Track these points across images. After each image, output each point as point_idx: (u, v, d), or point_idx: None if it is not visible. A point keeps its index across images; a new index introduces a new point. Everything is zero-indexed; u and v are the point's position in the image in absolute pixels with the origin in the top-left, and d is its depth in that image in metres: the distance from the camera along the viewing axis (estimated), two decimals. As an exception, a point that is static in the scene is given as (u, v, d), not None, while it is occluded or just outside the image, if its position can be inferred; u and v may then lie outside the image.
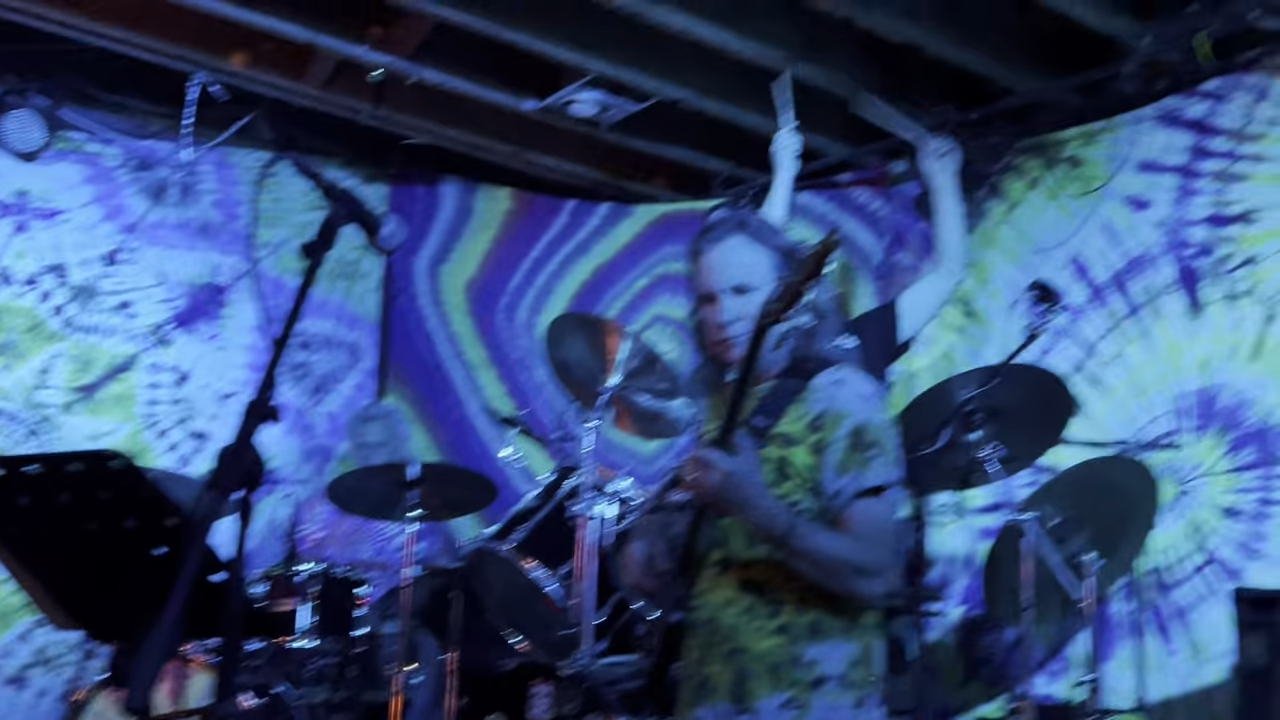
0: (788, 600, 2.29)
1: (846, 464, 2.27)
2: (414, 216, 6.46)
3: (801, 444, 2.31)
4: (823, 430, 2.30)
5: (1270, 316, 4.19)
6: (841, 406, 2.31)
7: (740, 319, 2.34)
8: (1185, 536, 4.33)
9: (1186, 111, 4.52)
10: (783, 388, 2.37)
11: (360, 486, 4.55)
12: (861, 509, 2.26)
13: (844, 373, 2.38)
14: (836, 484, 2.28)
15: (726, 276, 2.37)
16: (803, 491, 2.30)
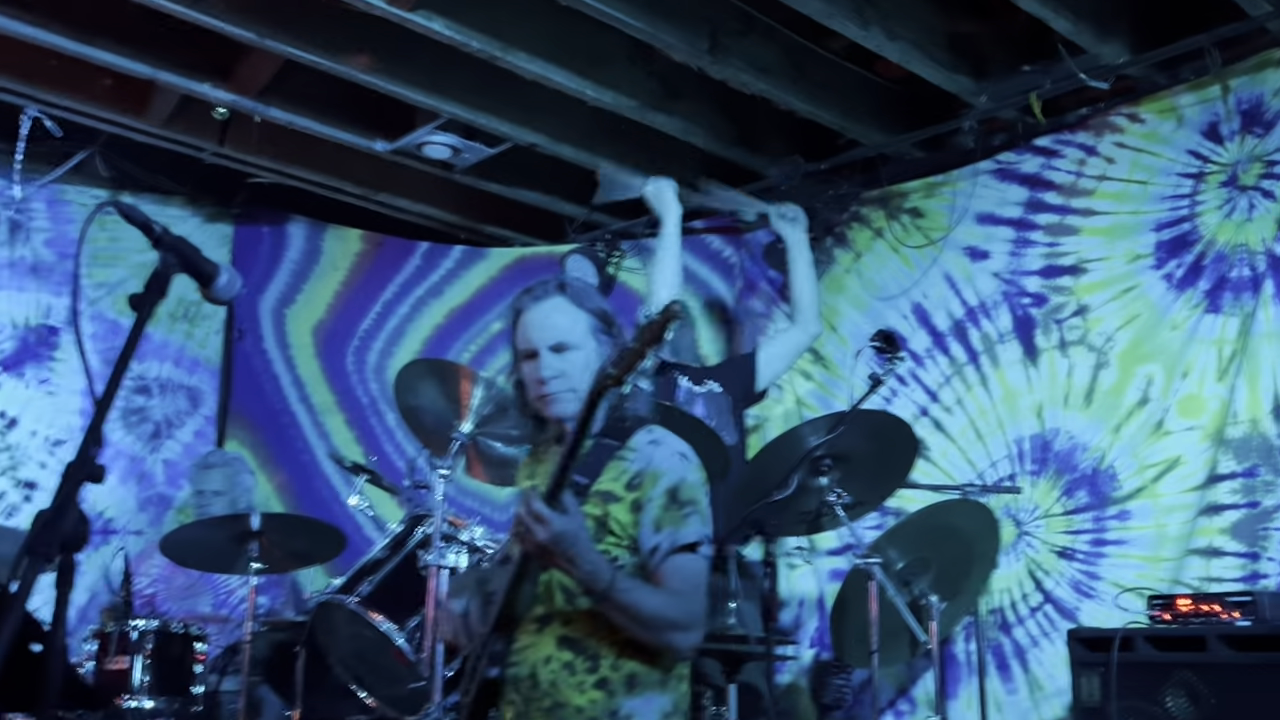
0: (605, 654, 2.37)
1: (662, 521, 2.37)
2: (260, 257, 6.29)
3: (620, 501, 2.40)
4: (640, 489, 2.39)
5: (1101, 364, 4.37)
6: (658, 466, 2.41)
7: (559, 375, 2.46)
8: (1024, 577, 4.47)
9: (1021, 166, 4.71)
10: (601, 447, 2.45)
11: (199, 538, 4.38)
12: (677, 564, 2.35)
13: (659, 433, 2.49)
14: (653, 540, 2.37)
15: (548, 335, 2.49)
16: (620, 548, 2.39)
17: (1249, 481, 3.94)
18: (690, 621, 2.35)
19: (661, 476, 2.40)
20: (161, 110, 5.06)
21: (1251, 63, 4.13)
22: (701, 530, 2.40)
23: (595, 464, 2.44)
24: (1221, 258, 4.12)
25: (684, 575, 2.35)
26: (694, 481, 2.44)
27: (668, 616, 2.32)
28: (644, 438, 2.47)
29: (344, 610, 3.89)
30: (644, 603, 2.31)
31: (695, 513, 2.40)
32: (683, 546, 2.36)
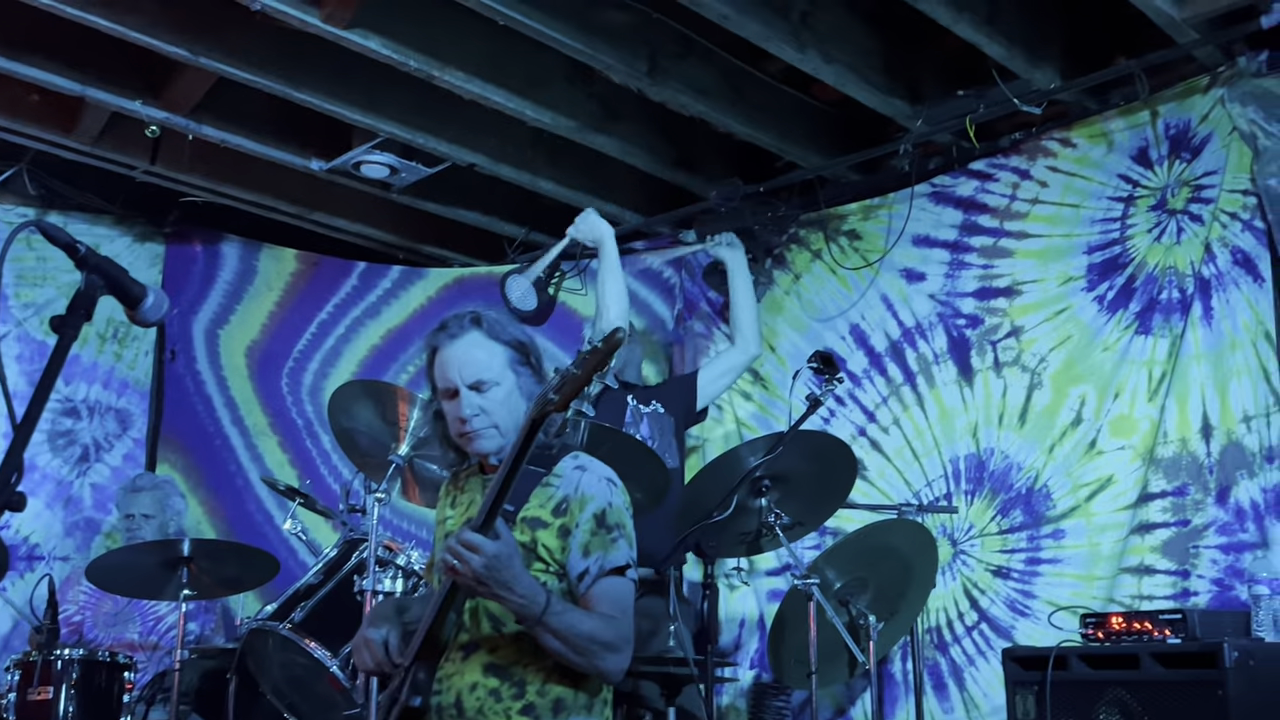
0: (532, 680, 2.38)
1: (590, 546, 2.39)
2: (192, 277, 6.18)
3: (548, 527, 2.42)
4: (567, 514, 2.41)
5: (1035, 384, 4.43)
6: (585, 491, 2.43)
7: (480, 413, 2.46)
8: (960, 596, 4.50)
9: (956, 190, 4.77)
10: (527, 474, 2.42)
11: (127, 564, 4.28)
12: (606, 588, 2.38)
13: (584, 459, 2.51)
14: (582, 565, 2.39)
15: (466, 372, 2.47)
16: (549, 574, 2.40)
17: (1179, 500, 4.01)
18: (621, 643, 2.37)
19: (589, 502, 2.42)
20: (91, 127, 4.97)
21: (1179, 89, 4.22)
22: (629, 554, 2.43)
23: (522, 491, 2.43)
24: (1151, 280, 4.20)
25: (613, 599, 2.38)
26: (620, 506, 2.46)
27: (600, 639, 2.33)
28: (570, 464, 2.49)
29: (276, 637, 3.82)
30: (577, 626, 2.31)
31: (622, 536, 2.42)
32: (611, 570, 2.39)
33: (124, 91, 4.62)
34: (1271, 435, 3.85)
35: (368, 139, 4.97)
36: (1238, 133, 4.03)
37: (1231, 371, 3.96)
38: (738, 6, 3.92)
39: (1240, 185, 4.03)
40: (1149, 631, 3.41)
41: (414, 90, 4.59)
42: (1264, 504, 3.83)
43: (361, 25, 4.06)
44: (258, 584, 4.48)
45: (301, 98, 4.53)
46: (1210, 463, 3.96)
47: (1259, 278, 3.95)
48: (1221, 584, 3.87)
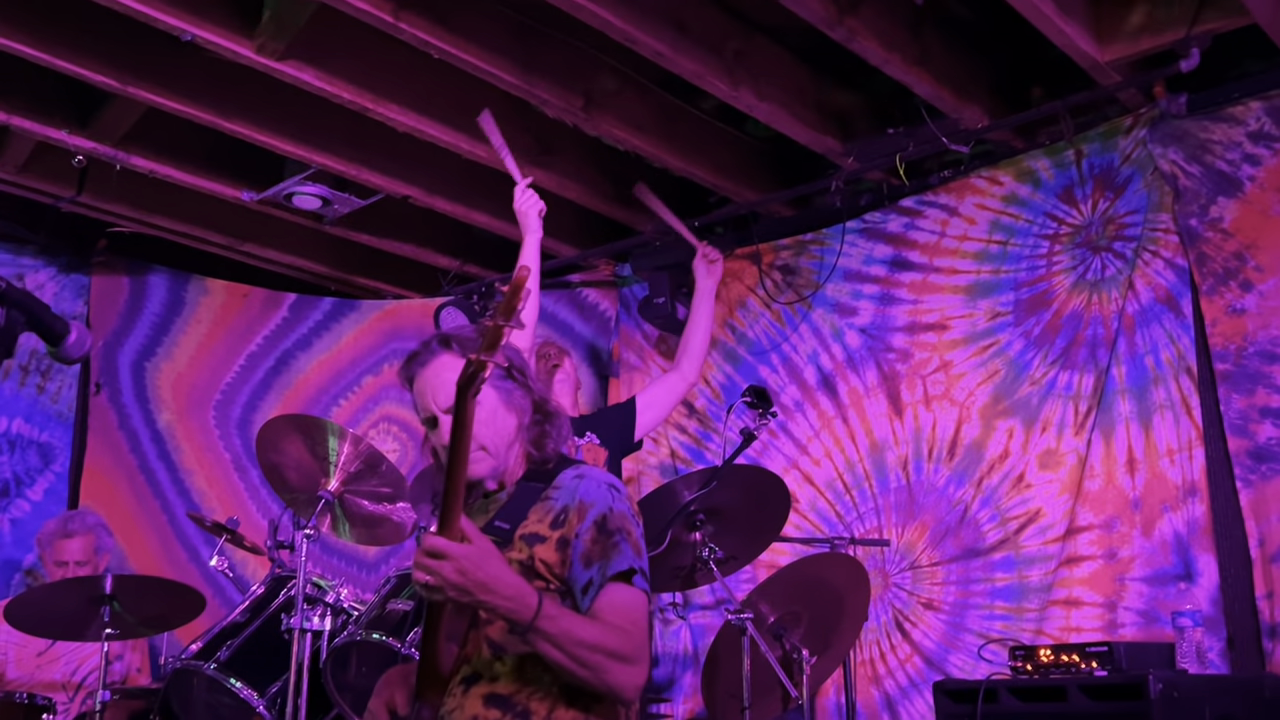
0: (536, 709, 2.17)
1: (592, 555, 2.20)
2: (119, 308, 6.06)
3: (545, 541, 2.23)
4: (566, 524, 2.23)
5: (963, 418, 4.49)
6: (584, 498, 2.25)
7: None
8: (892, 629, 4.53)
9: (887, 226, 4.84)
10: (524, 491, 2.32)
11: (47, 603, 4.17)
12: (612, 594, 2.17)
13: (585, 469, 2.35)
14: (585, 576, 2.19)
15: (442, 398, 2.32)
16: (550, 591, 2.20)
17: (1105, 534, 4.07)
18: (633, 654, 2.14)
19: (590, 509, 2.24)
20: (16, 156, 4.87)
21: (1102, 129, 4.33)
22: (634, 559, 2.21)
23: (520, 508, 2.29)
24: (1077, 316, 4.28)
25: (620, 606, 2.17)
26: (623, 510, 2.26)
27: (606, 647, 2.12)
28: (569, 474, 2.32)
29: (202, 676, 3.74)
30: (577, 630, 2.11)
31: (626, 541, 2.21)
32: (615, 576, 2.18)
33: (50, 121, 4.54)
34: (1194, 469, 3.93)
35: (300, 170, 4.93)
36: (1159, 173, 4.14)
37: (1155, 406, 4.05)
38: (672, 44, 3.96)
39: (1162, 224, 4.13)
40: (1076, 664, 3.45)
41: (347, 122, 4.57)
42: (1187, 536, 3.91)
43: (295, 57, 4.04)
44: (183, 622, 4.37)
45: (232, 128, 4.49)
46: (1135, 496, 4.04)
47: (1180, 314, 4.05)
48: (1147, 616, 3.94)
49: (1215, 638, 3.75)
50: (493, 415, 2.32)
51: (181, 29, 3.82)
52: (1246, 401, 3.88)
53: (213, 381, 6.08)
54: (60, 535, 4.87)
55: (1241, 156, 4.00)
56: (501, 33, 4.09)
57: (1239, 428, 3.88)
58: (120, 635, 4.08)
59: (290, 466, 4.05)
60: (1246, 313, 3.93)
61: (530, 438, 2.36)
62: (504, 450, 2.33)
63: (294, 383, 6.08)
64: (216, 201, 5.22)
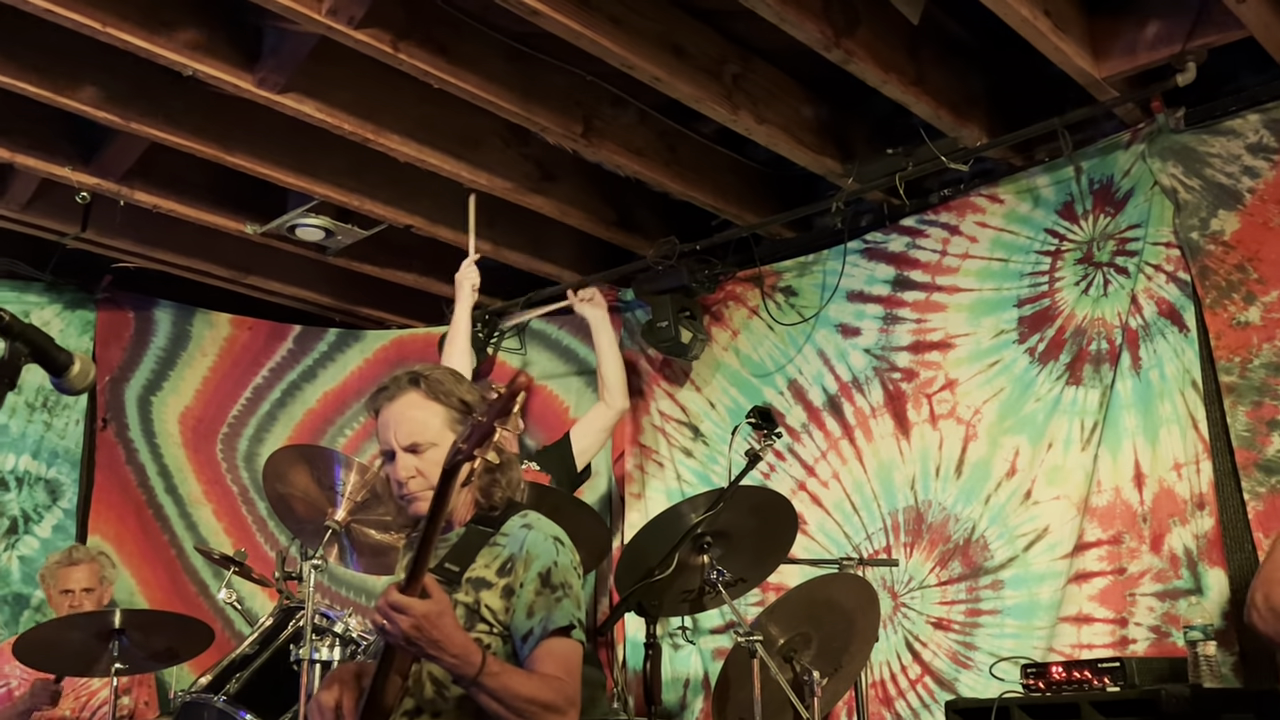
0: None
1: (535, 606, 2.34)
2: (125, 343, 6.09)
3: (492, 588, 2.36)
4: (512, 574, 2.36)
5: (970, 436, 4.48)
6: (530, 550, 2.37)
7: (415, 476, 2.42)
8: (903, 649, 4.51)
9: (888, 246, 4.85)
10: (473, 534, 2.42)
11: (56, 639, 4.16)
12: (551, 649, 2.32)
13: (532, 517, 2.45)
14: (526, 626, 2.34)
15: (402, 434, 2.45)
16: (492, 635, 2.35)
17: (1114, 549, 4.06)
18: (564, 704, 2.30)
19: (534, 561, 2.37)
20: (20, 194, 4.91)
21: (1101, 145, 4.34)
22: (574, 614, 2.37)
23: (469, 551, 2.39)
24: (1080, 332, 4.28)
25: (557, 659, 2.32)
26: (566, 565, 2.41)
27: (540, 700, 2.27)
28: (517, 522, 2.44)
29: (212, 709, 3.73)
30: (516, 686, 2.25)
31: (567, 597, 2.36)
32: (555, 631, 2.33)
33: (54, 158, 4.57)
34: (1202, 482, 3.92)
35: (302, 202, 4.95)
36: (1159, 187, 4.15)
37: (1161, 420, 4.04)
38: (670, 69, 3.98)
39: (1163, 238, 4.13)
40: (1088, 680, 3.44)
41: (349, 153, 4.60)
42: (1196, 550, 3.89)
43: (295, 90, 4.06)
44: (192, 655, 4.37)
45: (234, 162, 4.52)
46: (1143, 511, 4.02)
47: (1184, 328, 4.04)
48: (1158, 631, 3.92)
49: (1227, 651, 3.73)
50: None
51: (183, 64, 3.85)
52: (1253, 414, 3.87)
53: (219, 414, 6.09)
54: (65, 564, 4.88)
55: (1241, 169, 4.01)
56: (500, 61, 4.12)
57: (1246, 440, 3.87)
58: (129, 670, 4.08)
59: (297, 497, 4.05)
60: (1250, 325, 3.93)
61: (482, 483, 2.46)
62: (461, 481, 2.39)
63: (300, 414, 6.09)
64: (220, 235, 5.25)
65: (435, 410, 2.47)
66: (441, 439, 2.42)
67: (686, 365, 5.31)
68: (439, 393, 2.48)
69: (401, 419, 2.45)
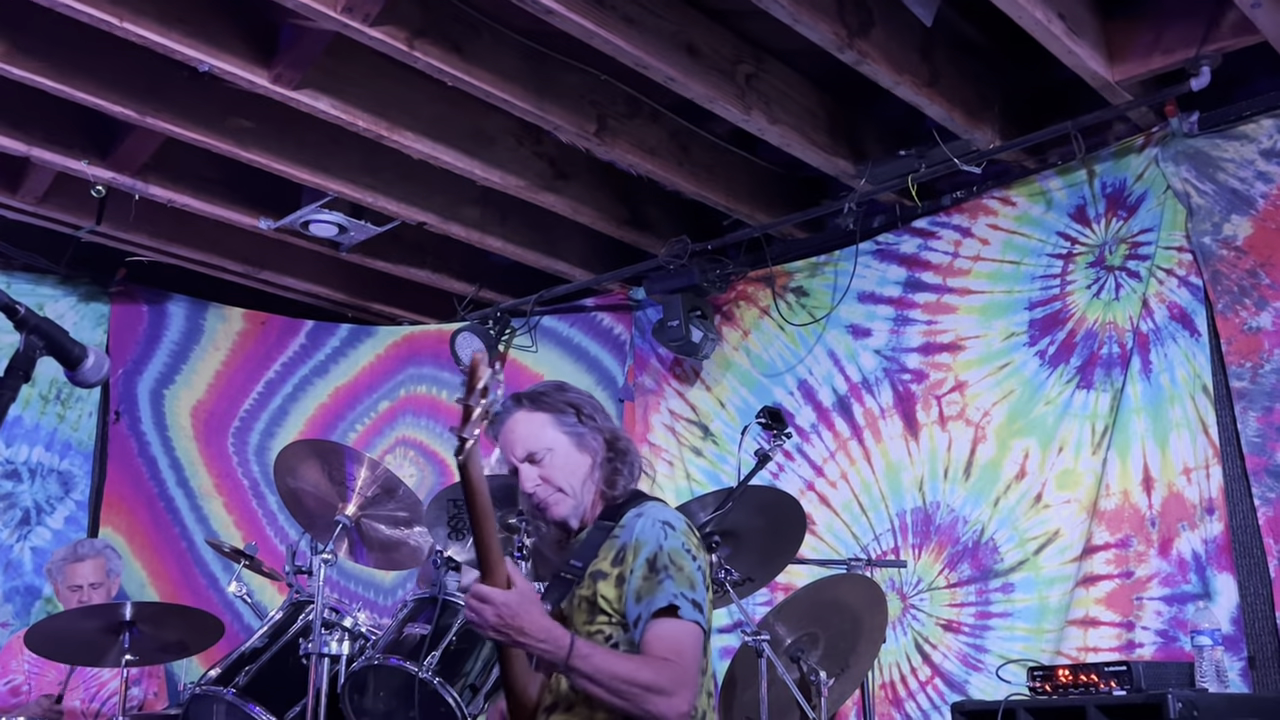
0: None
1: (641, 591, 2.36)
2: (138, 336, 6.12)
3: (607, 578, 2.43)
4: (624, 562, 2.41)
5: (979, 438, 4.48)
6: (639, 537, 2.41)
7: (540, 484, 2.53)
8: (912, 651, 4.51)
9: (900, 247, 4.85)
10: (597, 529, 2.50)
11: (67, 630, 4.19)
12: (657, 630, 2.32)
13: (646, 506, 2.51)
14: (636, 611, 2.36)
15: (518, 449, 2.56)
16: (612, 625, 2.40)
17: (1122, 552, 4.06)
18: (670, 685, 2.28)
19: (643, 547, 2.40)
20: (36, 187, 4.93)
21: (1114, 149, 4.33)
22: (680, 593, 2.33)
23: (592, 546, 2.48)
24: (1091, 335, 4.27)
25: (665, 641, 2.31)
26: (672, 547, 2.39)
27: (640, 680, 2.26)
28: (632, 513, 2.50)
29: (221, 702, 3.75)
30: (610, 666, 2.27)
31: (670, 578, 2.34)
32: (658, 612, 2.32)
33: (70, 152, 4.59)
34: (1211, 487, 3.92)
35: (316, 198, 4.97)
36: (1172, 191, 4.14)
37: (1171, 425, 4.03)
38: (684, 69, 3.99)
39: (1176, 242, 4.13)
40: (1095, 684, 3.44)
41: (363, 149, 4.62)
42: (1205, 555, 3.89)
43: (310, 86, 4.08)
44: (202, 648, 4.39)
45: (249, 157, 4.54)
46: (1152, 515, 4.02)
47: (1195, 332, 4.04)
48: (1165, 635, 3.91)
49: (1235, 656, 3.73)
50: (566, 458, 2.55)
51: (199, 60, 3.87)
52: (1264, 419, 3.87)
53: (231, 408, 6.12)
54: (71, 559, 4.90)
55: (1254, 174, 4.00)
56: (515, 60, 4.13)
57: (1257, 445, 3.86)
58: (140, 661, 4.11)
59: (308, 492, 4.08)
60: (1262, 330, 3.92)
61: (603, 476, 2.58)
62: (580, 489, 2.55)
63: (311, 409, 6.11)
64: (234, 230, 5.27)
65: (541, 419, 2.57)
66: (556, 443, 2.55)
67: (697, 364, 5.32)
68: (540, 402, 2.59)
69: (513, 436, 2.57)
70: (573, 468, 2.55)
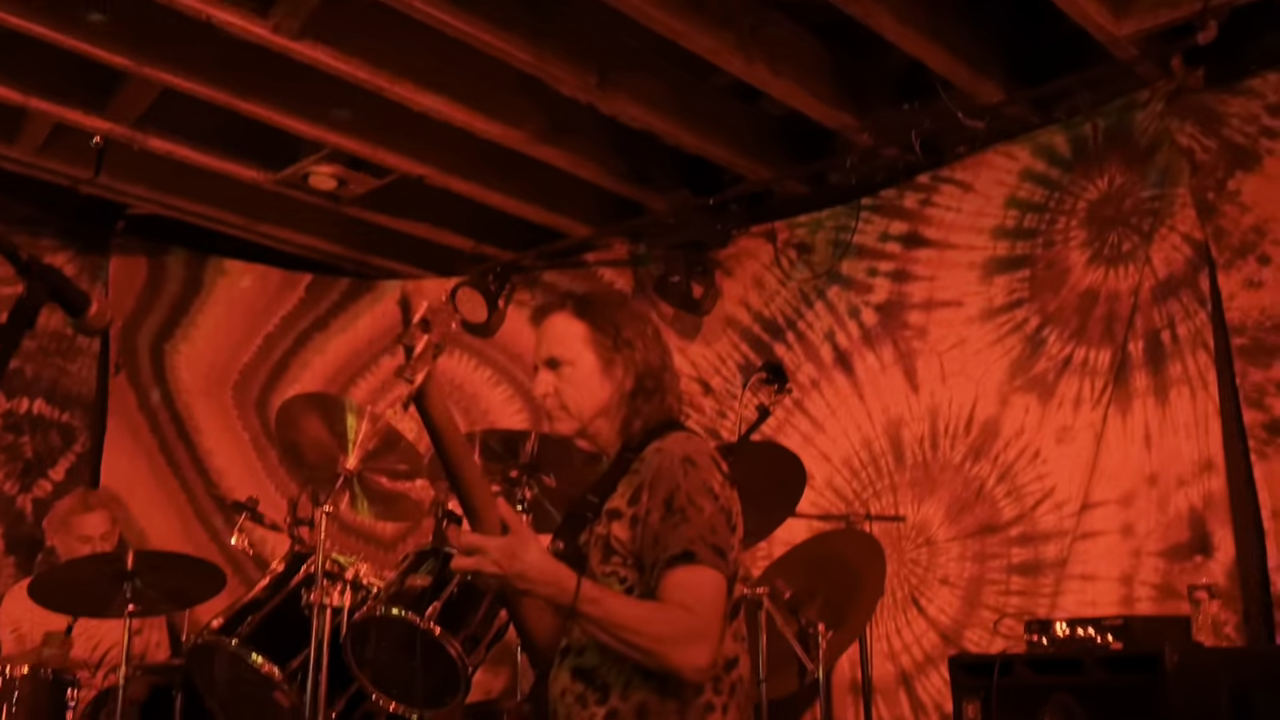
0: (614, 683, 2.16)
1: (658, 535, 2.16)
2: (137, 290, 6.11)
3: (621, 518, 2.22)
4: (640, 503, 2.20)
5: (979, 394, 4.48)
6: (656, 475, 2.20)
7: (550, 394, 2.34)
8: (908, 604, 4.54)
9: (902, 202, 4.83)
10: (617, 463, 2.30)
11: (70, 580, 4.21)
12: (675, 578, 2.12)
13: (669, 440, 2.27)
14: (651, 557, 2.16)
15: (542, 349, 2.37)
16: (626, 567, 2.20)
17: (1121, 508, 4.07)
18: (685, 636, 2.08)
19: (659, 486, 2.18)
20: (34, 138, 4.90)
21: (1119, 103, 4.30)
22: (697, 537, 2.13)
23: (610, 481, 2.28)
24: (1093, 291, 4.26)
25: (682, 588, 2.10)
26: (693, 487, 2.17)
27: (651, 630, 2.08)
28: (653, 448, 2.27)
29: (224, 651, 3.78)
30: (620, 613, 2.09)
31: (686, 521, 2.14)
32: (673, 558, 2.12)
33: (67, 102, 4.56)
34: (1210, 443, 3.93)
35: (316, 150, 4.94)
36: (1176, 147, 4.12)
37: (1171, 381, 4.04)
38: (686, 20, 3.95)
39: (1179, 199, 4.12)
40: (1092, 637, 3.46)
41: (363, 101, 4.58)
42: (1203, 510, 3.90)
43: (310, 36, 4.04)
44: (205, 598, 4.41)
45: (248, 108, 4.50)
46: (1151, 471, 4.03)
47: (1198, 289, 4.03)
48: (1162, 590, 3.94)
49: (1232, 611, 3.76)
50: (586, 379, 2.33)
51: (198, 9, 3.83)
52: (1263, 375, 3.87)
53: (231, 362, 6.12)
54: (81, 510, 4.89)
55: (1259, 130, 3.98)
56: (515, 10, 4.09)
57: (1255, 401, 3.87)
58: (142, 611, 4.12)
59: (308, 445, 4.08)
60: (1264, 286, 3.91)
61: (628, 410, 2.34)
62: (590, 415, 2.33)
63: (311, 363, 6.12)
64: (233, 182, 5.24)
65: (578, 329, 2.35)
66: (581, 360, 2.33)
67: (697, 320, 5.31)
68: (586, 310, 2.37)
69: (545, 335, 2.37)
70: (588, 393, 2.33)
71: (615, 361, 2.34)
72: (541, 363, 2.36)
